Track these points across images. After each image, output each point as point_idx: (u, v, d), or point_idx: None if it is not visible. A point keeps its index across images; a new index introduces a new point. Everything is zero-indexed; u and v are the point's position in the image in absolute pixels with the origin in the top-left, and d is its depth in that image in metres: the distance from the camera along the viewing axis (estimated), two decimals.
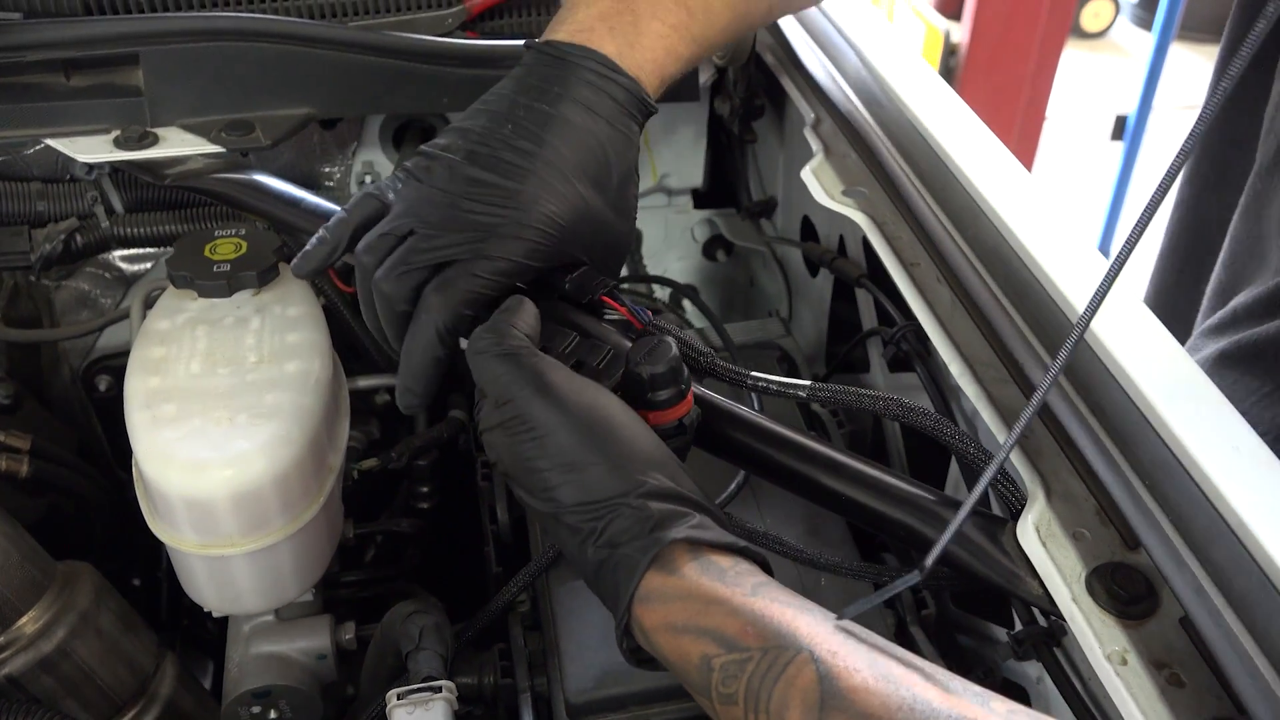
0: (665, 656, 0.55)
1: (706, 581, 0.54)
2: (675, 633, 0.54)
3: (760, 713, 0.49)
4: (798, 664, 0.49)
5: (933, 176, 0.82)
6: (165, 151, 0.94)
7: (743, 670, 0.50)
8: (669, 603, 0.54)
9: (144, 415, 0.80)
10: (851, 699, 0.47)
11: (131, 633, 0.93)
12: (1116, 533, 0.62)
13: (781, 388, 0.68)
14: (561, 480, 0.58)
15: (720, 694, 0.51)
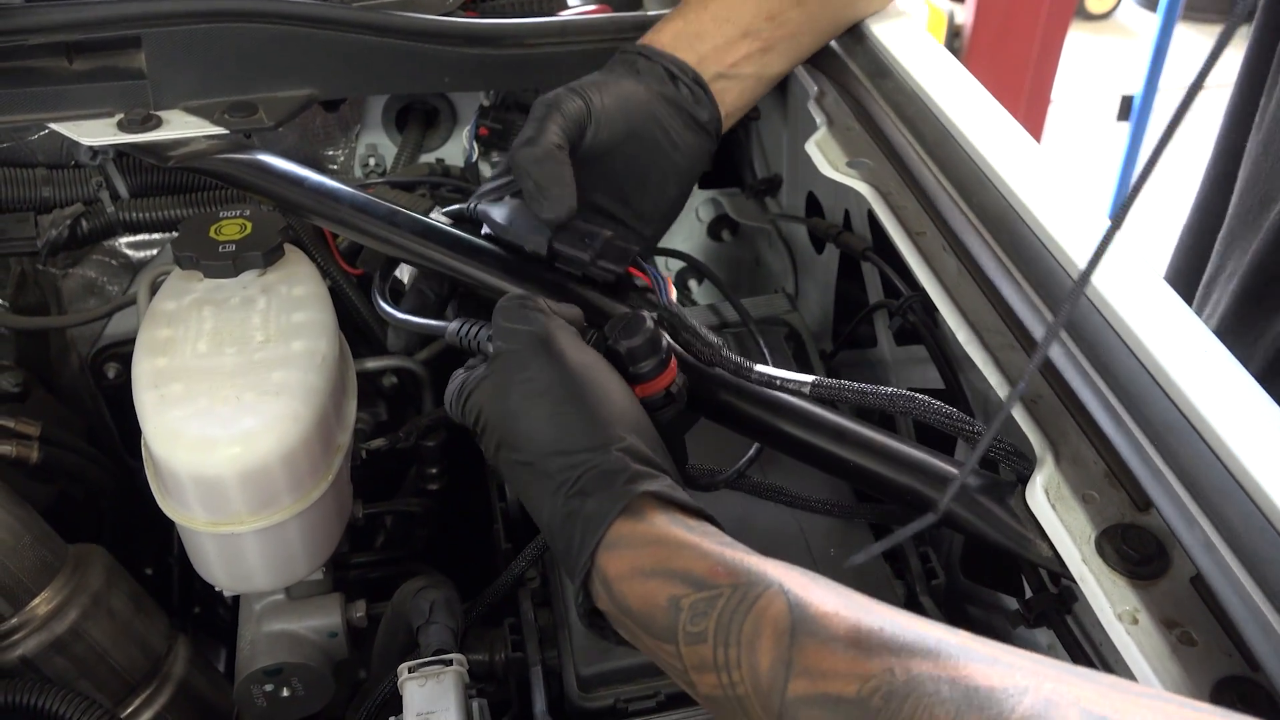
0: (629, 606, 0.54)
1: (675, 530, 0.55)
2: (643, 577, 0.53)
3: (730, 645, 0.48)
4: (769, 596, 0.49)
5: (937, 145, 0.82)
6: (169, 134, 0.94)
7: (712, 606, 0.50)
8: (637, 548, 0.55)
9: (152, 395, 0.80)
10: (823, 623, 0.46)
11: (143, 614, 0.93)
12: (1126, 494, 0.62)
13: (785, 383, 0.68)
14: (545, 429, 0.60)
15: (688, 633, 0.50)
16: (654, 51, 0.83)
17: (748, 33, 0.85)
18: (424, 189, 1.13)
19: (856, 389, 0.65)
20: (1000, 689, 0.41)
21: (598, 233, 0.74)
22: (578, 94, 0.76)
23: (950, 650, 0.44)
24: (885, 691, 0.43)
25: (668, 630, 0.51)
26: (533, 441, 0.60)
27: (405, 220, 0.80)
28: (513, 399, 0.61)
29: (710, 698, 0.50)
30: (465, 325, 0.71)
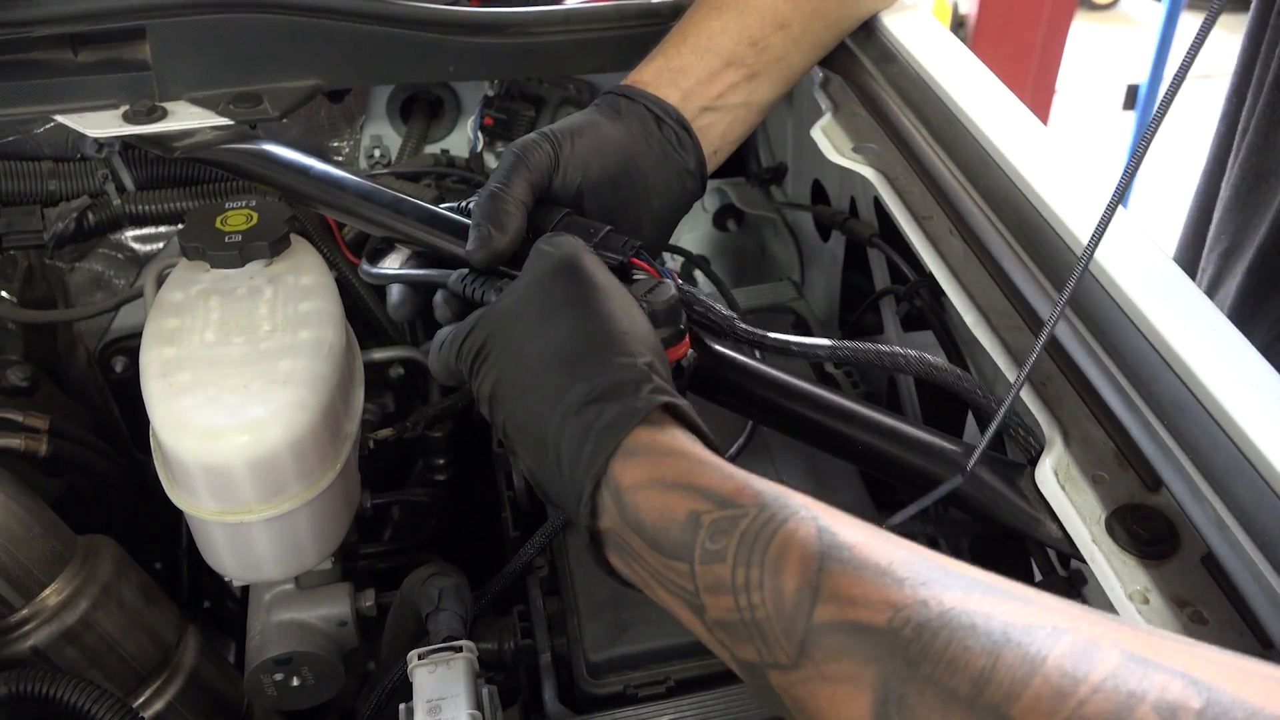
0: (641, 519, 0.51)
1: (699, 447, 0.53)
2: (661, 488, 0.51)
3: (752, 566, 0.46)
4: (796, 520, 0.46)
5: (943, 129, 0.82)
6: (174, 125, 0.94)
7: (735, 525, 0.47)
8: (657, 458, 0.52)
9: (160, 384, 0.80)
10: (854, 551, 0.44)
11: (153, 604, 0.94)
12: (1136, 475, 0.62)
13: (802, 348, 0.67)
14: (565, 337, 0.58)
15: (705, 550, 0.48)
16: (636, 92, 0.82)
17: (731, 62, 0.84)
18: (429, 179, 1.13)
19: (876, 351, 0.65)
20: (1038, 627, 0.39)
21: (600, 226, 0.74)
22: (548, 141, 0.75)
23: (986, 587, 0.42)
24: (917, 623, 0.40)
25: (682, 547, 0.49)
26: (547, 356, 0.58)
27: (410, 207, 0.80)
28: (531, 314, 0.60)
29: (721, 622, 0.47)
30: (470, 275, 0.70)
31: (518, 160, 0.74)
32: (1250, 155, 0.90)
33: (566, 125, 0.79)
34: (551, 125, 0.79)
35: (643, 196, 0.81)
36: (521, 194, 0.73)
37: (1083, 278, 0.59)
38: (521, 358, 0.59)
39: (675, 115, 0.82)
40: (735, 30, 0.84)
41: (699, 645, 0.77)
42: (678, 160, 0.82)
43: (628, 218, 0.81)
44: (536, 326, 0.60)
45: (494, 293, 0.69)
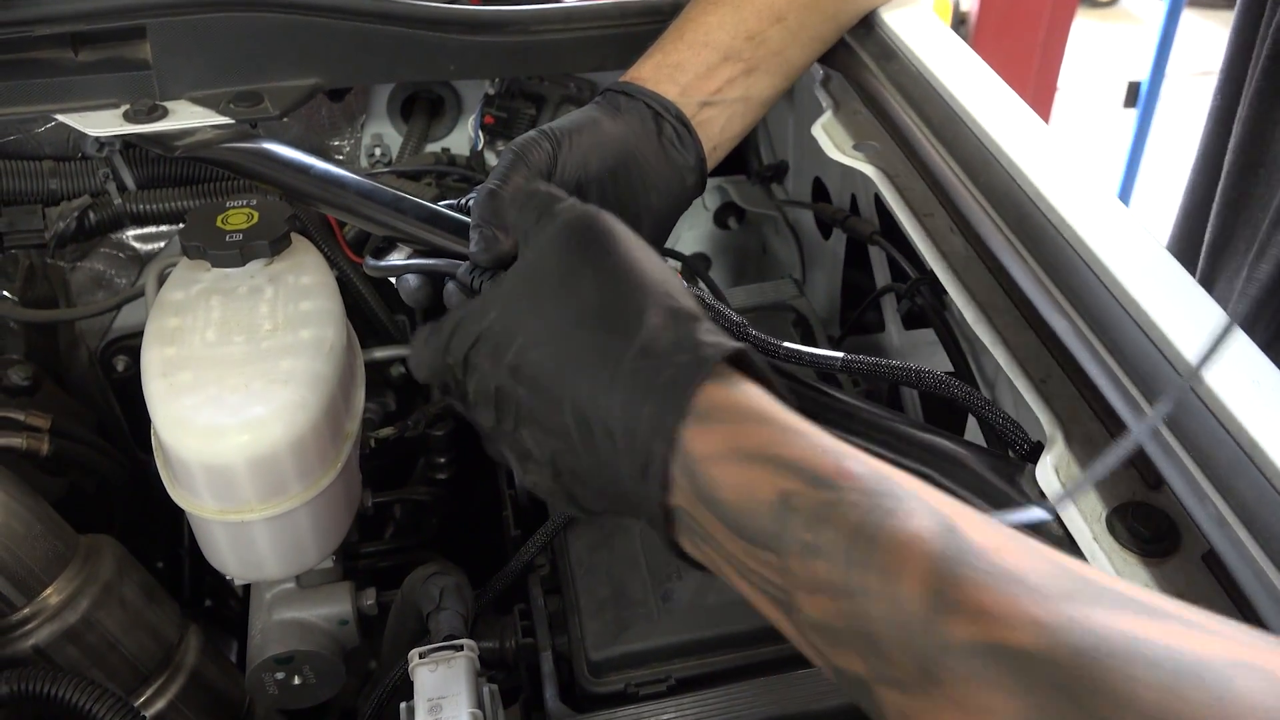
0: (719, 496, 0.43)
1: (780, 410, 0.45)
2: (743, 461, 0.43)
3: (861, 567, 0.38)
4: (911, 511, 0.39)
5: (944, 126, 0.81)
6: (175, 124, 0.94)
7: (835, 512, 0.40)
8: (736, 422, 0.44)
9: (161, 384, 0.80)
10: (987, 556, 0.37)
11: (155, 604, 0.94)
12: (1136, 473, 0.62)
13: (815, 359, 0.67)
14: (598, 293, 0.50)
15: (799, 541, 0.40)
16: (635, 89, 0.82)
17: (728, 56, 0.84)
18: (430, 178, 1.13)
19: (890, 365, 0.65)
20: (1213, 657, 0.34)
21: None
22: (547, 138, 0.75)
23: (1136, 604, 0.36)
24: (1071, 648, 0.34)
25: (769, 535, 0.41)
26: (577, 320, 0.50)
27: (411, 206, 0.80)
28: (548, 280, 0.53)
29: (818, 625, 0.40)
30: (478, 269, 0.70)
31: (517, 158, 0.74)
32: (1240, 149, 0.90)
33: (565, 123, 0.79)
34: (550, 123, 0.78)
35: (642, 194, 0.81)
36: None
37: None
38: (544, 330, 0.51)
39: (675, 111, 0.82)
40: (731, 24, 0.84)
41: (700, 643, 0.77)
42: (677, 157, 0.82)
43: (627, 215, 0.80)
44: (559, 290, 0.52)
45: None
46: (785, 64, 0.88)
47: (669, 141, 0.82)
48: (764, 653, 0.77)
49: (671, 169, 0.82)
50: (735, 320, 0.70)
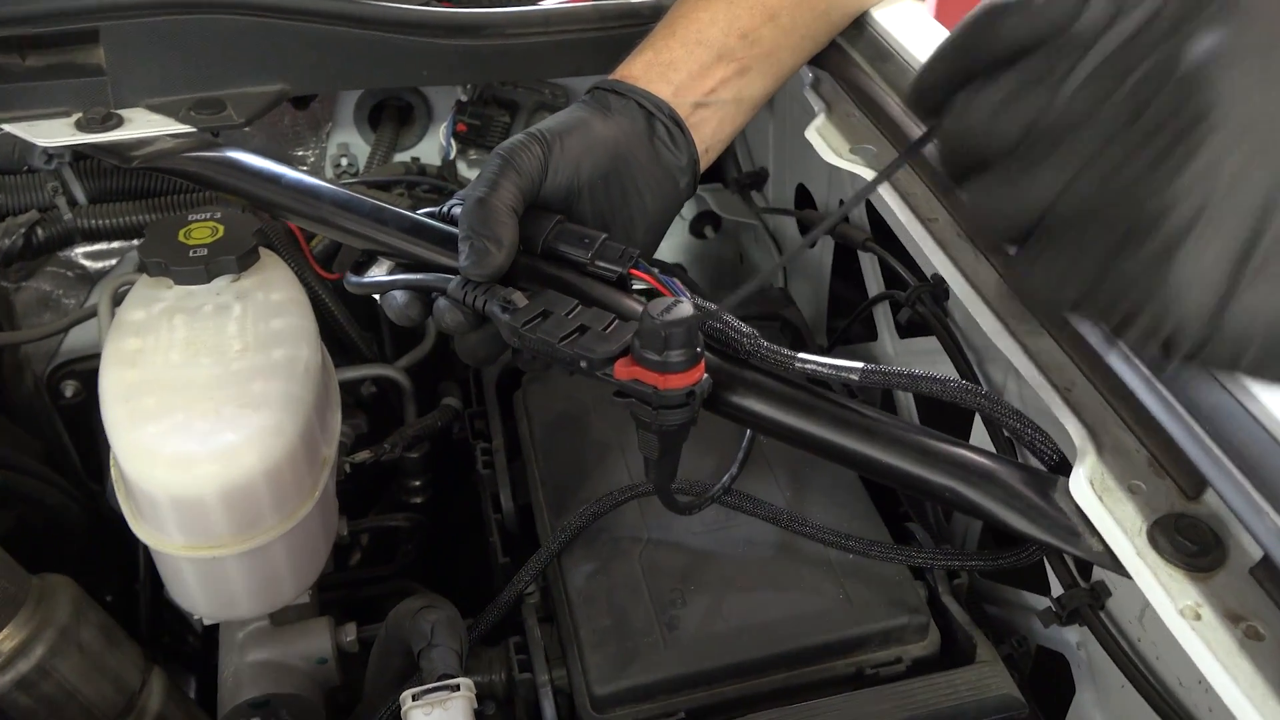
0: None
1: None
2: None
3: None
4: None
5: None
6: (131, 133, 0.89)
7: None
8: None
9: (122, 409, 0.74)
10: None
11: (115, 647, 0.87)
12: (1173, 483, 0.59)
13: (833, 370, 0.63)
14: None
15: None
16: (626, 87, 0.78)
17: (721, 55, 0.81)
18: (400, 189, 1.09)
19: (909, 375, 0.62)
20: None
21: (596, 235, 0.70)
22: (537, 142, 0.71)
23: None
24: None
25: None
26: None
27: (392, 216, 0.75)
28: None
29: None
30: (471, 283, 0.66)
31: (505, 163, 0.70)
32: None
33: (555, 124, 0.75)
34: (539, 125, 0.74)
35: (635, 198, 0.77)
36: (511, 200, 0.69)
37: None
38: None
39: (668, 111, 0.78)
40: (724, 22, 0.81)
41: (710, 674, 0.73)
42: (670, 158, 0.78)
43: (620, 220, 0.77)
44: None
45: (497, 303, 0.64)
46: (777, 64, 0.85)
47: (662, 142, 0.78)
48: (776, 680, 0.74)
49: (664, 171, 0.79)
50: (746, 332, 0.66)
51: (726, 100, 0.82)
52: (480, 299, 0.66)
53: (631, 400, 0.63)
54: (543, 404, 0.95)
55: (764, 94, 0.85)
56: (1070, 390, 0.65)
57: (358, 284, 0.74)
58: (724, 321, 0.66)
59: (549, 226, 0.71)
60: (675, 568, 0.78)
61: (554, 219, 0.72)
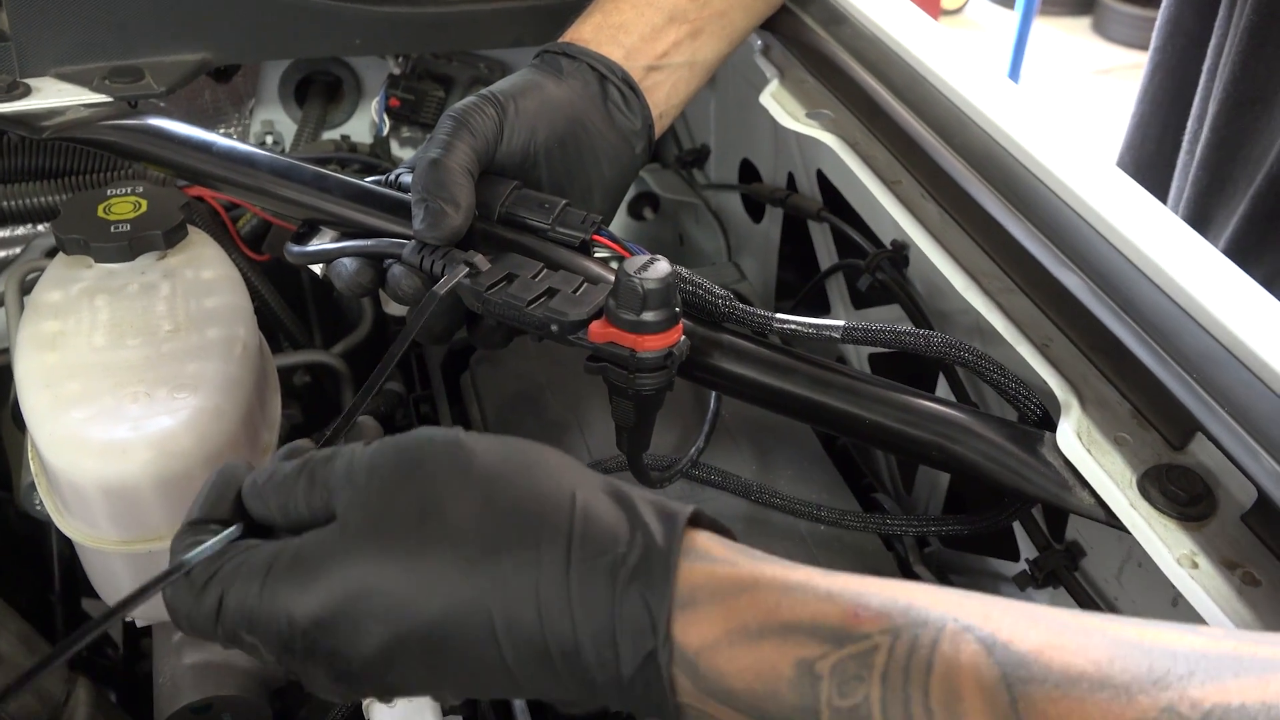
0: (730, 686, 0.38)
1: (763, 564, 0.40)
2: (749, 640, 0.37)
3: (914, 717, 0.34)
4: (948, 639, 0.35)
5: (909, 89, 0.78)
6: (39, 103, 0.82)
7: (869, 667, 0.35)
8: (726, 599, 0.38)
9: (44, 396, 0.68)
10: (1042, 662, 0.34)
11: (35, 656, 0.81)
12: (1158, 435, 0.59)
13: (812, 330, 0.61)
14: (480, 505, 0.41)
15: (838, 710, 0.36)
16: (578, 50, 0.76)
17: (673, 17, 0.79)
18: (332, 167, 1.03)
19: (891, 331, 0.60)
20: None
21: (556, 200, 0.67)
22: (491, 103, 0.68)
23: (1231, 661, 0.33)
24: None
25: (800, 710, 0.36)
26: (471, 541, 0.40)
27: (336, 184, 0.71)
28: (399, 520, 0.41)
29: None
30: (427, 247, 0.62)
31: (458, 124, 0.67)
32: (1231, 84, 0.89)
33: (508, 86, 0.71)
34: (490, 87, 0.71)
35: (592, 163, 0.74)
36: (466, 161, 0.66)
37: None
38: (427, 561, 0.40)
39: (621, 74, 0.75)
40: None
41: None
42: (624, 122, 0.76)
43: (577, 186, 0.74)
44: (432, 510, 0.41)
45: (456, 266, 0.61)
46: (729, 26, 0.83)
47: (615, 106, 0.75)
48: None
49: (619, 136, 0.76)
50: (721, 294, 0.64)
51: (680, 63, 0.80)
52: (439, 263, 0.63)
53: (605, 365, 0.60)
54: (493, 385, 0.91)
55: (717, 57, 0.82)
56: (1048, 346, 0.64)
57: (301, 254, 0.70)
58: (697, 283, 0.63)
59: (506, 192, 0.68)
60: None
61: (511, 185, 0.69)
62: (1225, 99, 0.89)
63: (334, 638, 0.40)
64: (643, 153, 0.78)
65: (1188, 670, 0.33)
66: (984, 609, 0.36)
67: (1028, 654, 0.34)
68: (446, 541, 0.40)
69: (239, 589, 0.42)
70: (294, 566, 0.41)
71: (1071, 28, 4.76)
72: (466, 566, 0.39)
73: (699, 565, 0.39)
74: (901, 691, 0.35)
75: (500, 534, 0.40)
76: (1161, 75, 1.01)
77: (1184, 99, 0.96)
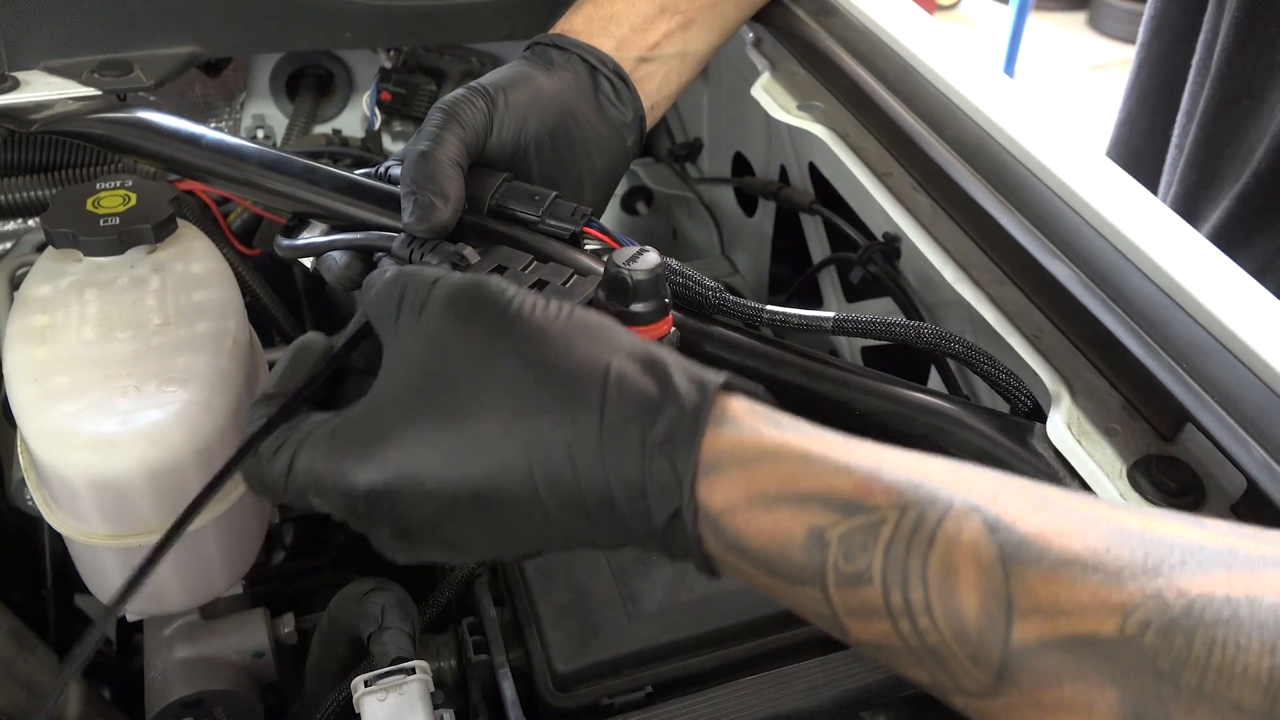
0: (748, 545, 0.40)
1: (787, 434, 0.41)
2: (767, 505, 0.40)
3: (911, 586, 0.36)
4: (954, 517, 0.37)
5: (899, 80, 0.78)
6: (28, 97, 0.82)
7: (874, 537, 0.37)
8: (748, 466, 0.40)
9: (32, 390, 0.68)
10: (1041, 545, 0.35)
11: (27, 652, 0.81)
12: (1148, 425, 0.59)
13: (803, 321, 0.61)
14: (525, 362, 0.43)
15: (841, 574, 0.38)
16: (568, 41, 0.75)
17: (664, 8, 0.78)
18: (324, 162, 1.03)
19: (881, 322, 0.60)
20: None
21: (546, 193, 0.67)
22: (480, 95, 0.68)
23: (1227, 555, 0.34)
24: (1160, 625, 0.33)
25: (809, 571, 0.39)
26: (515, 397, 0.43)
27: (326, 177, 0.71)
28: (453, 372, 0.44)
29: (879, 646, 0.38)
30: (416, 240, 0.62)
31: (448, 117, 0.66)
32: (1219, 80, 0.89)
33: (498, 78, 0.71)
34: (480, 79, 0.71)
35: (584, 155, 0.74)
36: (455, 153, 0.65)
37: None
38: (470, 425, 0.43)
39: (612, 65, 0.75)
40: None
41: (676, 645, 0.71)
42: (616, 114, 0.75)
43: (568, 178, 0.74)
44: (472, 379, 0.44)
45: (447, 259, 0.60)
46: (721, 17, 0.82)
47: (607, 98, 0.75)
48: (744, 649, 0.71)
49: (610, 128, 0.76)
50: (711, 285, 0.64)
51: (671, 55, 0.80)
52: (428, 256, 0.62)
53: None
54: None
55: (708, 49, 0.82)
56: (1039, 337, 0.64)
57: (290, 247, 0.70)
58: (687, 275, 0.63)
59: (495, 185, 0.68)
60: None
61: (500, 177, 0.68)
62: (1214, 95, 0.89)
63: (393, 502, 0.44)
64: (634, 145, 0.78)
65: (1180, 561, 0.34)
66: (994, 489, 0.38)
67: (1027, 536, 0.36)
68: (490, 404, 0.43)
69: (305, 457, 0.46)
70: (355, 437, 0.45)
71: (1067, 23, 4.76)
72: (507, 425, 0.43)
73: (726, 432, 0.41)
74: (902, 561, 0.37)
75: (538, 396, 0.43)
76: (1148, 71, 1.01)
77: (1171, 94, 0.96)
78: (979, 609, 0.35)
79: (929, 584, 0.36)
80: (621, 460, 0.41)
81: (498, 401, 0.43)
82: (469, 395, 0.44)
